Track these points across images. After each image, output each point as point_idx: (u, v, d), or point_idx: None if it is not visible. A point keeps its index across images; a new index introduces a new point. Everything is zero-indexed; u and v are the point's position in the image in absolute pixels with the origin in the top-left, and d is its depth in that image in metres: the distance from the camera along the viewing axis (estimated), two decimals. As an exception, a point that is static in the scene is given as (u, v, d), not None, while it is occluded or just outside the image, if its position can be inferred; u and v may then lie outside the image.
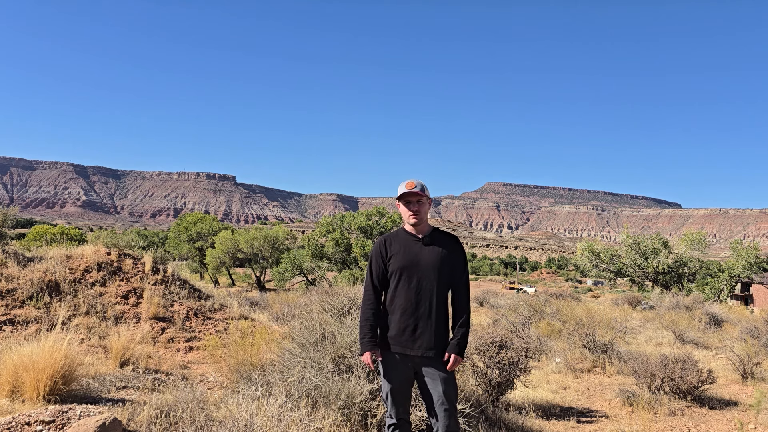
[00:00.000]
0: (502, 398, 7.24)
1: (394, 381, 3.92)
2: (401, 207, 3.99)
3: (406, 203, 3.95)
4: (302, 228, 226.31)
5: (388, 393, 3.95)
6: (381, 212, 42.52)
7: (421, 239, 3.95)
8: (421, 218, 3.95)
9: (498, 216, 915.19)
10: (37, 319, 9.47)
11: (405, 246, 3.94)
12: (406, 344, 3.85)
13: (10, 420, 4.77)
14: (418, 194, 3.92)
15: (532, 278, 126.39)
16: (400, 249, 3.94)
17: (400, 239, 3.99)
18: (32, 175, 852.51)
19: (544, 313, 17.87)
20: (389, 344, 3.91)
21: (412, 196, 3.94)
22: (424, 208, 3.95)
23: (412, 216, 3.93)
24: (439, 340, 3.87)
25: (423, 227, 3.99)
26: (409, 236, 3.98)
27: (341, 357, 5.43)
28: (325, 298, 6.94)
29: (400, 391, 3.95)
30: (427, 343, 3.84)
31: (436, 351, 3.86)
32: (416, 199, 3.94)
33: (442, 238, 4.01)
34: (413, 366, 3.90)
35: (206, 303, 11.91)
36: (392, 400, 3.94)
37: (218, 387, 7.37)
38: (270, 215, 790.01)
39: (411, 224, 3.97)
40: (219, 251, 48.08)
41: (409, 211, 3.93)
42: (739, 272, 39.35)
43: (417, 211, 3.92)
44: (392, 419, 3.99)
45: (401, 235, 4.02)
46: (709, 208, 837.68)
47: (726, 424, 7.29)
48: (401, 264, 3.89)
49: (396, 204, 4.08)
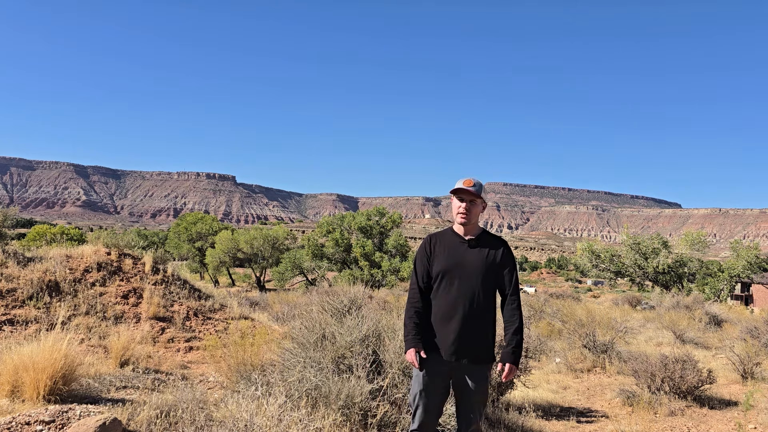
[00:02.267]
0: (502, 398, 7.24)
1: (428, 385, 3.70)
2: (453, 201, 3.78)
3: (459, 199, 3.74)
4: (302, 228, 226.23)
5: (417, 395, 3.73)
6: (381, 212, 42.53)
7: (468, 241, 3.75)
8: (470, 219, 3.73)
9: (498, 216, 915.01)
10: (37, 319, 9.47)
11: (449, 247, 3.75)
12: (446, 349, 3.65)
13: (10, 420, 4.76)
14: (472, 193, 3.70)
15: (532, 278, 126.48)
16: (444, 250, 3.75)
17: (446, 240, 3.79)
18: (32, 175, 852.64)
19: (544, 313, 17.86)
20: (429, 348, 3.70)
21: (466, 193, 3.71)
22: (476, 209, 3.75)
23: (461, 215, 3.72)
24: (478, 347, 3.69)
25: (471, 228, 3.78)
26: (456, 237, 3.79)
27: (341, 357, 5.43)
28: (325, 298, 6.95)
29: (433, 397, 3.73)
30: (465, 349, 3.65)
31: (474, 358, 3.68)
32: (470, 198, 3.72)
33: (490, 241, 3.80)
34: (450, 371, 3.71)
35: (206, 303, 11.91)
36: (422, 406, 3.71)
37: (218, 387, 7.37)
38: (270, 215, 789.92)
39: (459, 223, 3.77)
40: (219, 251, 48.11)
41: (460, 207, 3.73)
42: (739, 272, 39.38)
43: (468, 210, 3.71)
44: (414, 425, 3.74)
45: (447, 235, 3.82)
46: (709, 208, 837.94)
47: (726, 424, 7.29)
48: (444, 266, 3.70)
49: (450, 198, 3.84)
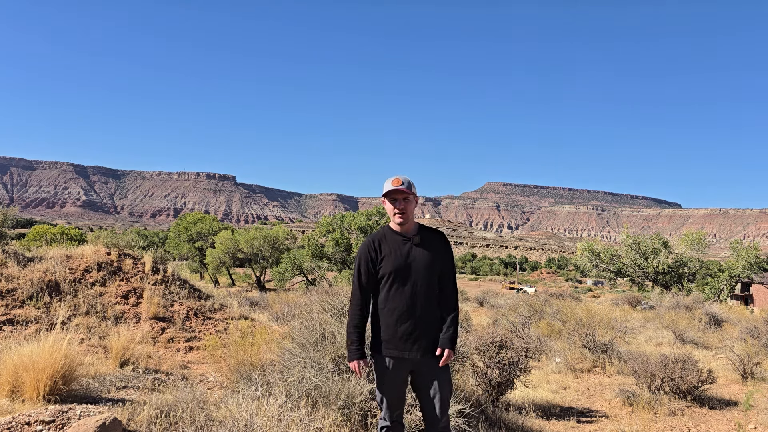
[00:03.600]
0: (502, 398, 7.24)
1: (388, 386, 3.82)
2: (386, 204, 3.82)
3: (392, 201, 3.77)
4: (302, 228, 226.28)
5: (383, 396, 3.86)
6: (381, 212, 42.54)
7: (411, 239, 3.80)
8: (407, 217, 3.78)
9: (498, 216, 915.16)
10: (37, 319, 9.47)
11: (395, 248, 3.77)
12: (404, 347, 3.74)
13: (10, 420, 4.76)
14: (404, 192, 3.74)
15: (532, 278, 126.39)
16: (390, 251, 3.76)
17: (389, 240, 3.81)
18: (32, 175, 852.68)
19: (544, 313, 17.86)
20: (382, 348, 3.78)
21: (398, 193, 3.75)
22: (410, 206, 3.78)
23: (398, 215, 3.76)
24: (432, 340, 3.79)
25: (409, 226, 3.84)
26: (398, 236, 3.82)
27: (341, 357, 5.44)
28: (325, 298, 6.93)
29: (396, 395, 3.86)
30: (425, 344, 3.75)
31: (430, 351, 3.77)
32: (402, 196, 3.75)
33: (430, 237, 3.86)
34: (410, 366, 3.81)
35: (206, 303, 11.91)
36: (387, 404, 3.86)
37: (218, 387, 7.37)
38: (270, 215, 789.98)
39: (397, 223, 3.80)
40: (219, 251, 48.11)
41: (395, 209, 3.76)
42: (739, 272, 39.36)
43: (403, 210, 3.75)
44: (386, 422, 3.91)
45: (389, 235, 3.84)
46: (709, 208, 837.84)
47: (726, 424, 7.29)
48: (394, 267, 3.73)
49: (381, 201, 3.89)
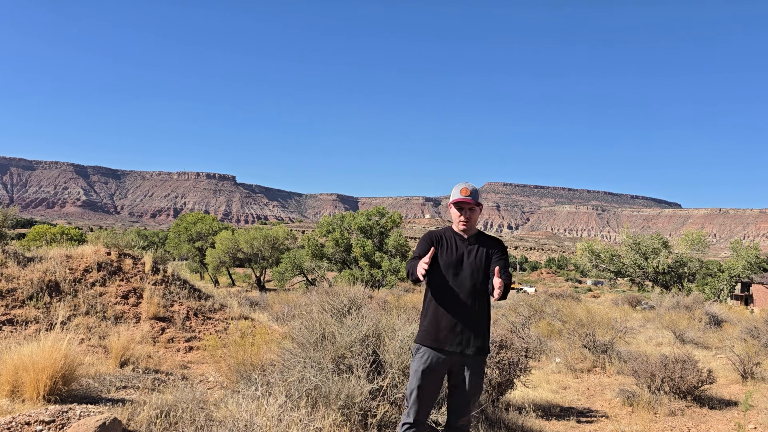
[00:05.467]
0: (502, 398, 7.24)
1: (425, 380, 3.90)
2: (452, 210, 4.11)
3: (459, 209, 4.07)
4: (302, 228, 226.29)
5: (415, 390, 3.91)
6: (381, 212, 42.58)
7: (467, 239, 4.08)
8: (471, 225, 4.10)
9: (498, 216, 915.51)
10: (36, 319, 9.47)
11: (451, 244, 4.06)
12: (446, 341, 3.89)
13: (10, 420, 4.76)
14: (471, 203, 4.05)
15: (532, 278, 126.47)
16: (446, 246, 4.04)
17: (448, 236, 4.11)
18: (32, 175, 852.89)
19: (544, 313, 17.86)
20: (427, 339, 3.93)
21: (465, 204, 4.06)
22: (474, 215, 4.09)
23: (462, 223, 4.07)
24: (478, 338, 3.93)
25: (470, 231, 4.13)
26: (456, 235, 4.12)
27: (341, 357, 5.44)
28: (325, 298, 6.94)
29: (429, 392, 3.93)
30: (467, 340, 3.89)
31: (475, 349, 3.91)
32: (468, 207, 4.07)
33: (487, 241, 4.13)
34: (449, 363, 3.92)
35: (206, 303, 11.91)
36: (417, 397, 3.90)
37: (218, 387, 7.37)
38: (270, 215, 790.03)
39: (460, 230, 4.11)
40: (219, 251, 48.13)
41: (460, 217, 4.07)
42: (739, 272, 39.42)
43: (468, 219, 4.07)
44: (409, 418, 3.92)
45: (448, 233, 4.14)
46: (709, 208, 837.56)
47: (726, 424, 7.29)
48: (447, 261, 3.98)
49: (448, 205, 4.19)
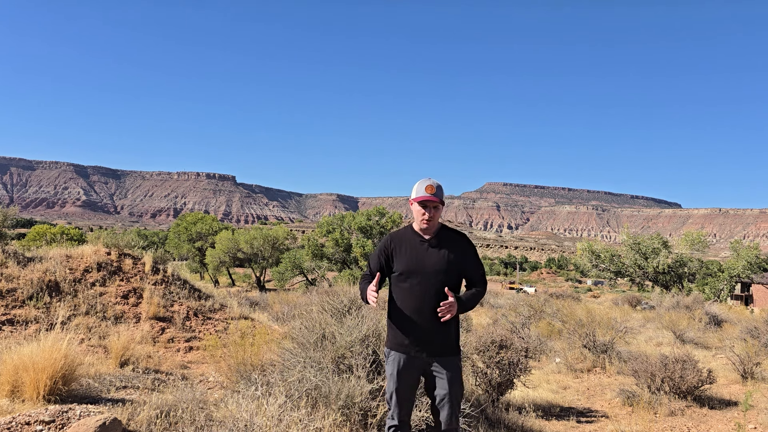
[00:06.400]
0: (502, 398, 7.24)
1: (401, 382, 3.88)
2: (415, 207, 3.93)
3: (423, 206, 3.89)
4: (302, 228, 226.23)
5: (393, 393, 3.92)
6: (381, 212, 42.56)
7: (428, 241, 3.91)
8: (433, 224, 3.92)
9: (498, 216, 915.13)
10: (36, 319, 9.47)
11: (411, 248, 3.90)
12: (415, 347, 3.84)
13: (10, 420, 4.76)
14: (436, 201, 3.87)
15: (532, 278, 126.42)
16: (405, 251, 3.90)
17: (407, 240, 3.95)
18: (32, 175, 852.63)
19: (544, 313, 17.87)
20: (396, 346, 3.89)
21: (430, 202, 3.88)
22: (438, 214, 3.91)
23: (424, 221, 3.89)
24: (444, 342, 3.86)
25: (431, 229, 3.95)
26: (416, 237, 3.95)
27: (341, 357, 5.44)
28: (325, 298, 6.93)
29: (406, 393, 3.92)
30: (434, 345, 3.83)
31: (441, 351, 3.85)
32: (433, 205, 3.88)
33: (450, 238, 3.96)
34: (422, 366, 3.89)
35: (206, 303, 11.91)
36: (397, 401, 3.90)
37: (218, 387, 7.37)
38: (270, 215, 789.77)
39: (421, 229, 3.94)
40: (219, 251, 48.09)
41: (424, 215, 3.89)
42: (739, 272, 39.40)
43: (431, 218, 3.88)
44: (393, 420, 3.94)
45: (408, 235, 3.98)
46: (709, 208, 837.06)
47: (726, 424, 7.29)
48: (405, 267, 3.86)
49: (409, 202, 4.00)
